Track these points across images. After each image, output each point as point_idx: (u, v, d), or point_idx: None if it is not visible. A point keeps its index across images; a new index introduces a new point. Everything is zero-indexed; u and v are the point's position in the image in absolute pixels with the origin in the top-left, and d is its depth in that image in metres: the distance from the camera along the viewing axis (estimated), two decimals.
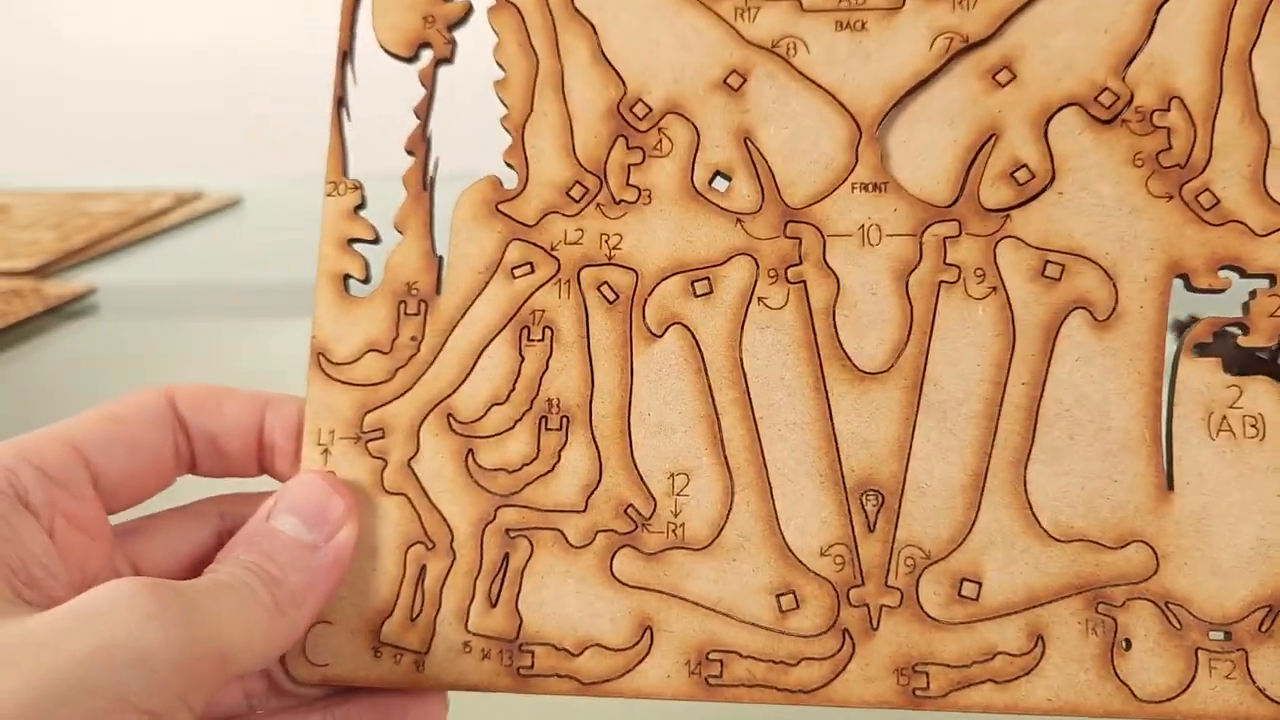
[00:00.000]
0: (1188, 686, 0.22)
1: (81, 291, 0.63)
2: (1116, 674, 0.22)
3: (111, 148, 1.12)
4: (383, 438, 0.24)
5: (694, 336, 0.24)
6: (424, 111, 0.26)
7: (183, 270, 0.70)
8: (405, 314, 0.25)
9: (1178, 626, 0.22)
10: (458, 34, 0.26)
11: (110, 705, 0.17)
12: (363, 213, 0.25)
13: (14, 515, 0.20)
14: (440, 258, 0.25)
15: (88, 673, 0.17)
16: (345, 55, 0.26)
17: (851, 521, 0.23)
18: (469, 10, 0.26)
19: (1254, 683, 0.22)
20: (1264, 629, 0.22)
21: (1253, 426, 0.22)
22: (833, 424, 0.23)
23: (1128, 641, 0.22)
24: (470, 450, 0.24)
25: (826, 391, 0.23)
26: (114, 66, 1.13)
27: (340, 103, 0.26)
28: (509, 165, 0.25)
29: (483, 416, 0.24)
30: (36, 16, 1.19)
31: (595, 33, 0.25)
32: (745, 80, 0.25)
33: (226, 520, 0.24)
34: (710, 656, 0.23)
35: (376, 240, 0.25)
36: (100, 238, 0.75)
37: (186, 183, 0.88)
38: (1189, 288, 0.23)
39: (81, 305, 0.62)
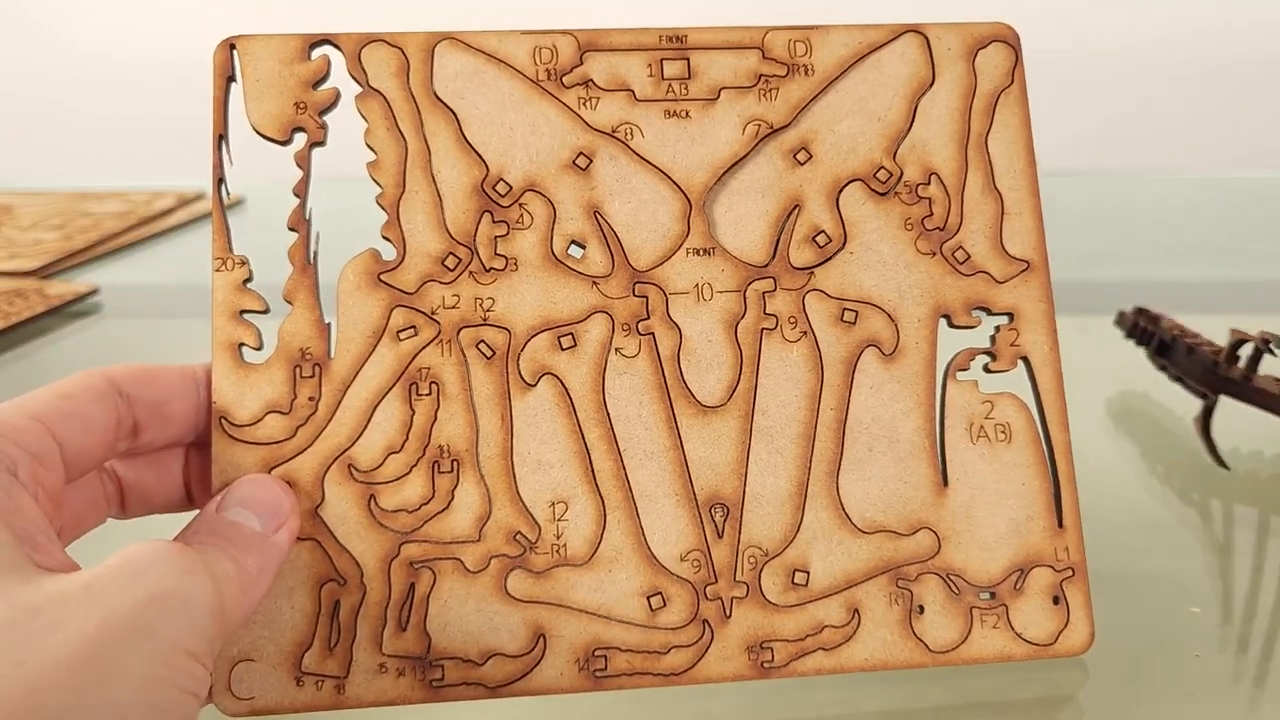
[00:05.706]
0: (966, 638, 0.28)
1: (84, 292, 0.62)
2: (915, 633, 0.28)
3: (114, 149, 1.06)
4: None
5: (563, 384, 0.28)
6: (302, 191, 0.29)
7: (185, 271, 0.69)
8: (301, 377, 0.27)
9: (957, 592, 0.28)
10: (330, 118, 0.29)
11: (164, 647, 0.20)
12: (250, 285, 0.28)
13: (13, 488, 0.22)
14: (329, 324, 0.28)
15: (145, 617, 0.20)
16: (221, 138, 0.28)
17: (704, 531, 0.28)
18: (337, 97, 0.29)
19: (1013, 629, 0.28)
20: (1017, 587, 0.28)
21: (1002, 432, 0.29)
22: (683, 451, 0.28)
23: (921, 607, 0.28)
24: (372, 495, 0.27)
25: (677, 424, 0.28)
26: (116, 67, 1.07)
27: (220, 182, 0.28)
28: (386, 239, 0.28)
29: (381, 465, 0.27)
30: (39, 17, 1.10)
31: (456, 119, 0.29)
32: (591, 161, 0.29)
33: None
34: (596, 654, 0.27)
35: (266, 310, 0.28)
36: (103, 238, 0.74)
37: (189, 183, 0.86)
38: (951, 325, 0.29)
39: (84, 305, 0.62)
